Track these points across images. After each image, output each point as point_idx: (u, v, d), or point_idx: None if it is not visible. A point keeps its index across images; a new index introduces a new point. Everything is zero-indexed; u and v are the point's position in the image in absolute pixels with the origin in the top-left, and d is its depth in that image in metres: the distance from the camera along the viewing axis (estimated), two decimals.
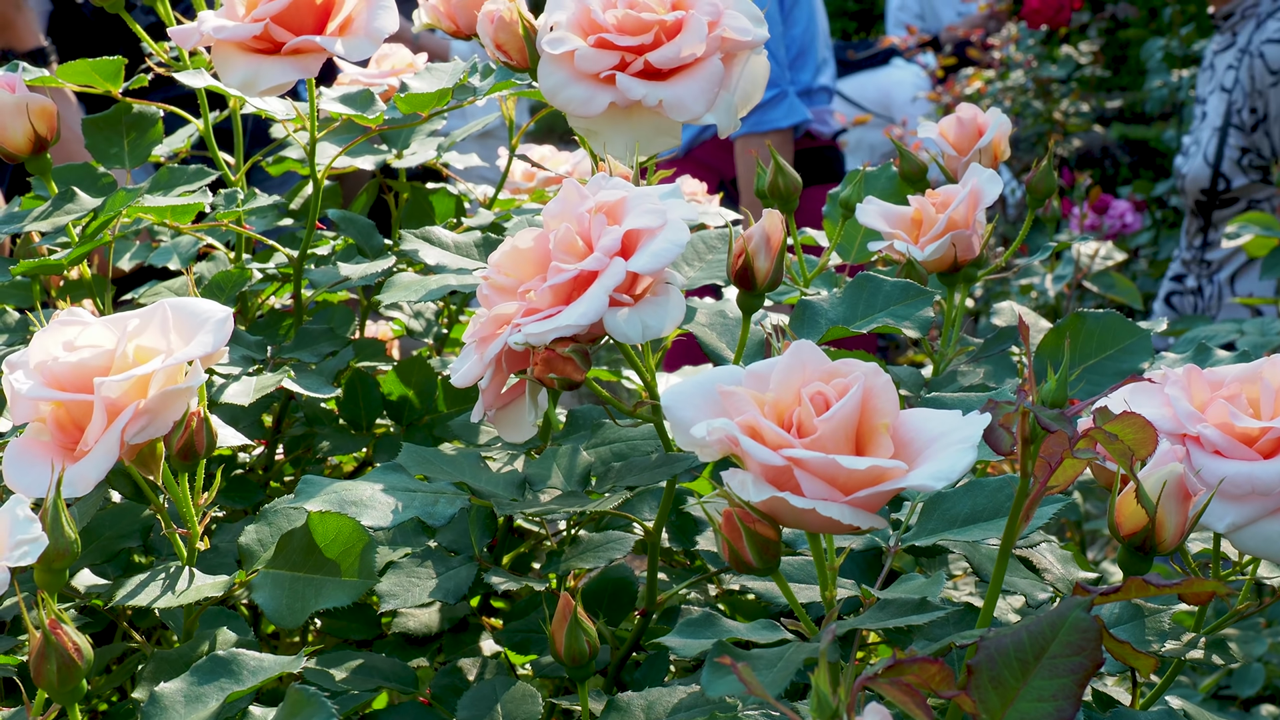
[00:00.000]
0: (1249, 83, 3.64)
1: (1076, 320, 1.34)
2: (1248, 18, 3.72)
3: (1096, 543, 2.90)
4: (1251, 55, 3.65)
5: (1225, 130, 3.66)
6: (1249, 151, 3.65)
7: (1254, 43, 3.66)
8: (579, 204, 1.09)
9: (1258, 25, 3.68)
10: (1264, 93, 3.64)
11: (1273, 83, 3.63)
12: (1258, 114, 3.65)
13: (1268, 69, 3.64)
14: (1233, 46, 3.74)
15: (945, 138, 1.54)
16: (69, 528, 0.95)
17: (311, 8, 1.31)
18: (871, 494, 0.88)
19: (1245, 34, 3.70)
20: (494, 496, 1.12)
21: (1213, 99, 3.77)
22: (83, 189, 1.44)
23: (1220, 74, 3.78)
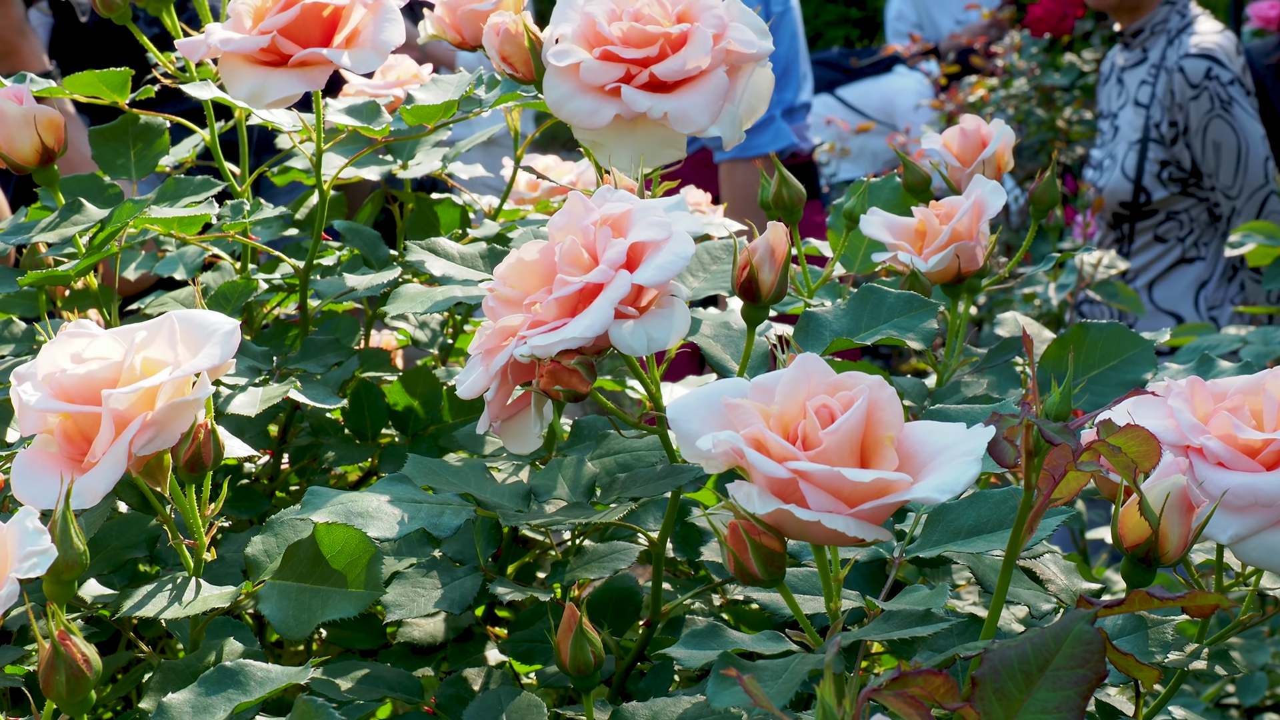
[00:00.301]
0: (1168, 97, 3.72)
1: (1080, 331, 1.35)
2: (1157, 34, 3.80)
3: (1100, 551, 2.90)
4: (1170, 71, 3.71)
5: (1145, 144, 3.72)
6: (1169, 164, 3.72)
7: (1170, 59, 3.73)
8: (584, 216, 1.10)
9: (1169, 42, 3.75)
10: (1184, 106, 3.71)
11: (1193, 96, 3.70)
12: (1178, 127, 3.72)
13: (1188, 83, 3.72)
14: (1144, 63, 3.82)
15: (949, 149, 1.54)
16: (78, 540, 0.95)
17: (318, 20, 1.32)
18: (876, 506, 0.89)
19: (1157, 50, 3.78)
20: (499, 508, 1.13)
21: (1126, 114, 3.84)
22: (89, 200, 1.45)
23: (1133, 90, 3.84)
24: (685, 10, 1.26)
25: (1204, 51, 3.75)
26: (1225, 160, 3.69)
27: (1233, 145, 3.71)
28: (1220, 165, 3.70)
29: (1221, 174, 3.69)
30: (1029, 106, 5.98)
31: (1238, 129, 3.73)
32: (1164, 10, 3.82)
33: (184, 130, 1.56)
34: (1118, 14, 3.86)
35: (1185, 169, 3.74)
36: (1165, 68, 3.77)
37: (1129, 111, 3.83)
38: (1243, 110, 3.76)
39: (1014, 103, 5.99)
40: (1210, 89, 3.71)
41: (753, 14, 1.28)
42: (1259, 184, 3.73)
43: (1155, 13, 3.80)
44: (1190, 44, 3.77)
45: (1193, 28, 3.84)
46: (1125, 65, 3.88)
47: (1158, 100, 3.74)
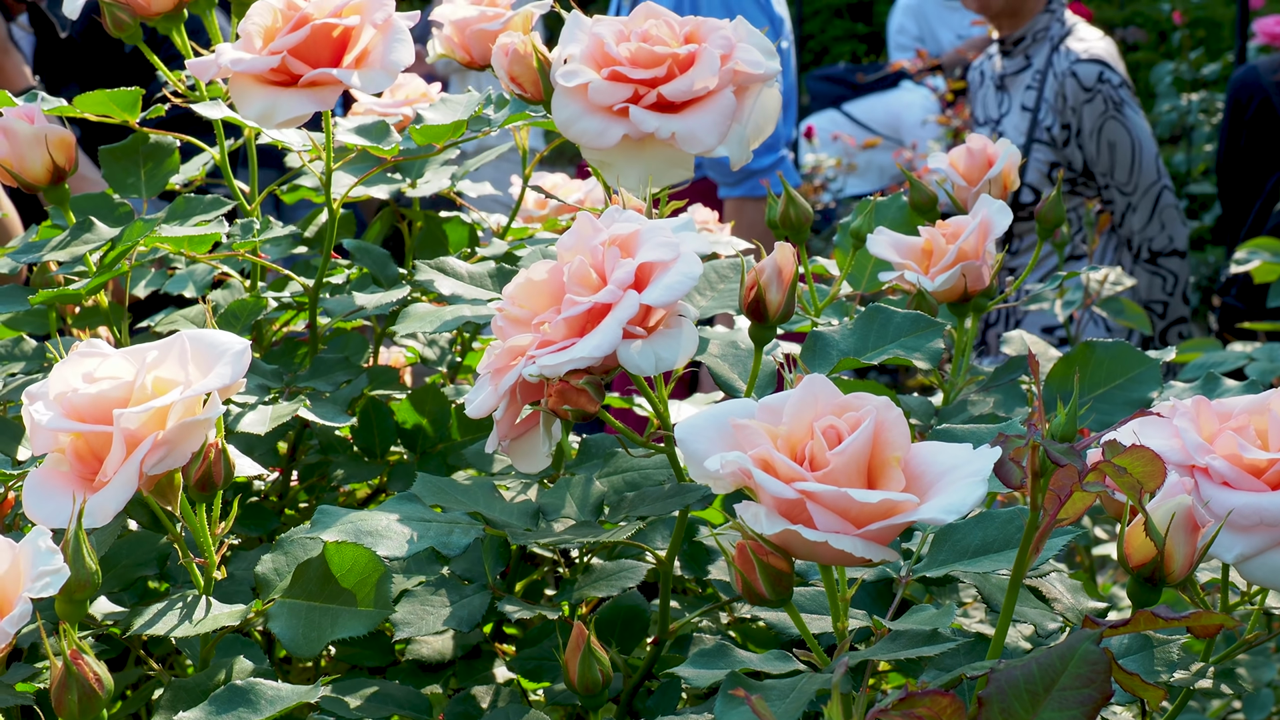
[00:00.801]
0: (1060, 101, 3.83)
1: (1086, 350, 1.35)
2: (1039, 41, 3.89)
3: (1105, 567, 2.90)
4: (1061, 76, 3.81)
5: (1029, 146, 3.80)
6: (1059, 165, 3.79)
7: (1059, 65, 3.81)
8: (593, 237, 1.10)
9: (1054, 48, 3.83)
10: (1077, 109, 3.82)
11: (1086, 99, 3.81)
12: (1070, 129, 3.83)
13: (1081, 87, 3.82)
14: (1028, 69, 3.90)
15: (955, 168, 1.55)
16: (90, 559, 0.96)
17: (328, 41, 1.33)
18: (883, 527, 0.89)
19: (1041, 56, 3.88)
20: (508, 526, 1.13)
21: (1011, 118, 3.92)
22: (99, 218, 1.45)
23: (1018, 95, 3.94)
24: (693, 31, 1.27)
25: (1094, 57, 3.86)
26: (1120, 159, 3.78)
27: (1127, 144, 3.81)
28: (1115, 164, 3.80)
29: (1117, 172, 3.78)
30: None
31: (1130, 129, 3.84)
32: (1044, 18, 3.92)
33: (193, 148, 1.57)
34: (999, 22, 3.95)
35: (1076, 169, 3.85)
36: (1055, 73, 3.86)
37: (1015, 117, 3.92)
38: (1133, 110, 3.87)
39: None
40: (1103, 92, 3.82)
41: (760, 35, 1.29)
42: (1153, 180, 3.84)
43: (1036, 20, 3.90)
44: (1079, 50, 3.87)
45: (1075, 34, 3.94)
46: (1008, 72, 3.96)
47: (1047, 104, 3.83)
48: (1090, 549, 2.80)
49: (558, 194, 1.82)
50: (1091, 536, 2.75)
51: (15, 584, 0.91)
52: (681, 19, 1.28)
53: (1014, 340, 1.53)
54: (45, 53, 2.82)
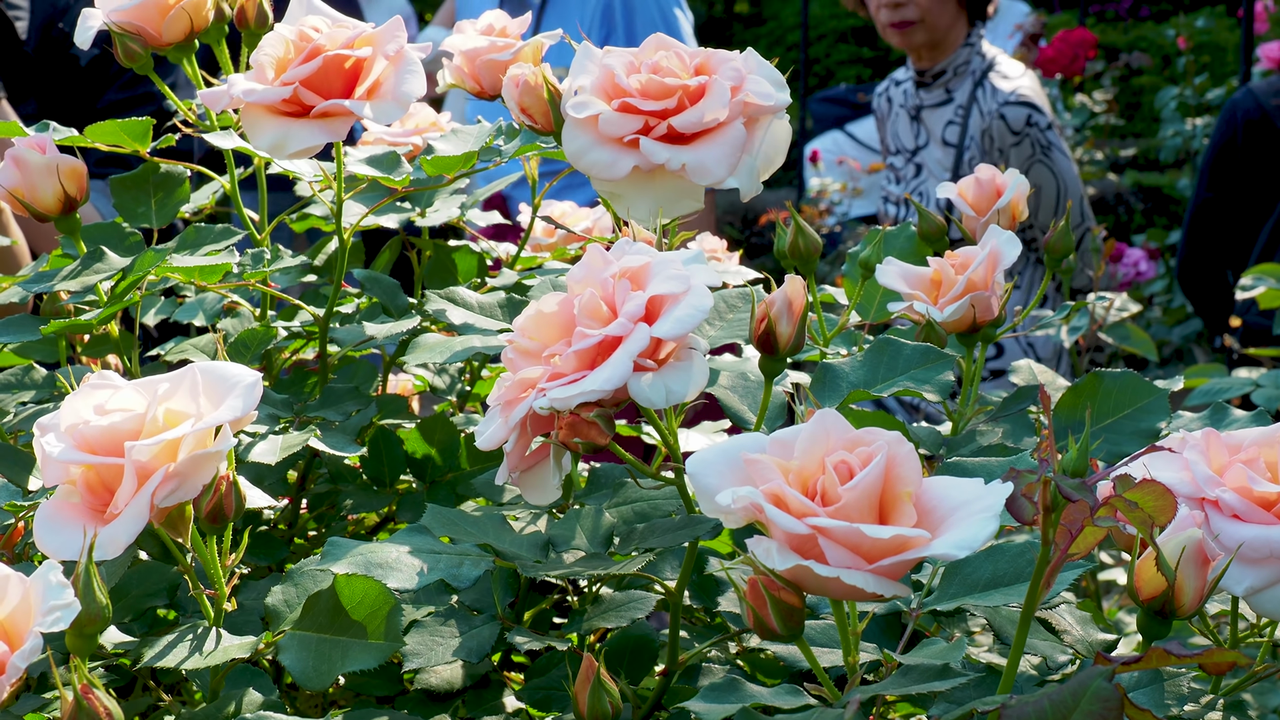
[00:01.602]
0: (988, 142, 3.85)
1: (1094, 380, 1.35)
2: (961, 75, 3.90)
3: (1111, 592, 2.90)
4: (987, 115, 3.83)
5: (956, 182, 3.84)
6: None
7: (985, 103, 3.83)
8: (603, 269, 1.10)
9: (976, 83, 3.85)
10: (1005, 151, 3.85)
11: (1014, 142, 3.84)
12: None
13: (1009, 130, 3.85)
14: (949, 103, 3.92)
15: (964, 198, 1.55)
16: (101, 593, 0.96)
17: (340, 72, 1.33)
18: (895, 562, 0.89)
19: (963, 91, 3.89)
20: (518, 558, 1.13)
21: (931, 152, 3.92)
22: (110, 248, 1.46)
23: (938, 129, 3.97)
24: (703, 63, 1.27)
25: (1023, 99, 3.88)
26: (1045, 202, 3.81)
27: (1053, 188, 3.83)
28: (1040, 207, 3.82)
29: (1041, 215, 3.81)
30: None
31: (1057, 173, 3.86)
32: (964, 52, 3.94)
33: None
34: (919, 54, 3.96)
35: None
36: (981, 111, 3.89)
37: (935, 150, 3.93)
38: (1060, 154, 3.89)
39: None
40: (1031, 135, 3.85)
41: (770, 66, 1.29)
42: (1076, 223, 3.85)
43: (956, 54, 3.92)
44: (1006, 90, 3.89)
45: (997, 68, 3.96)
46: (925, 104, 3.97)
47: (974, 141, 3.84)
48: (1096, 574, 2.80)
49: (565, 223, 1.82)
50: (1098, 561, 2.74)
51: (26, 618, 0.91)
52: (692, 51, 1.28)
53: (1022, 370, 1.53)
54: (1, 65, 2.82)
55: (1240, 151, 3.95)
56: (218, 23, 1.52)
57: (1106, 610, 2.78)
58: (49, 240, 2.17)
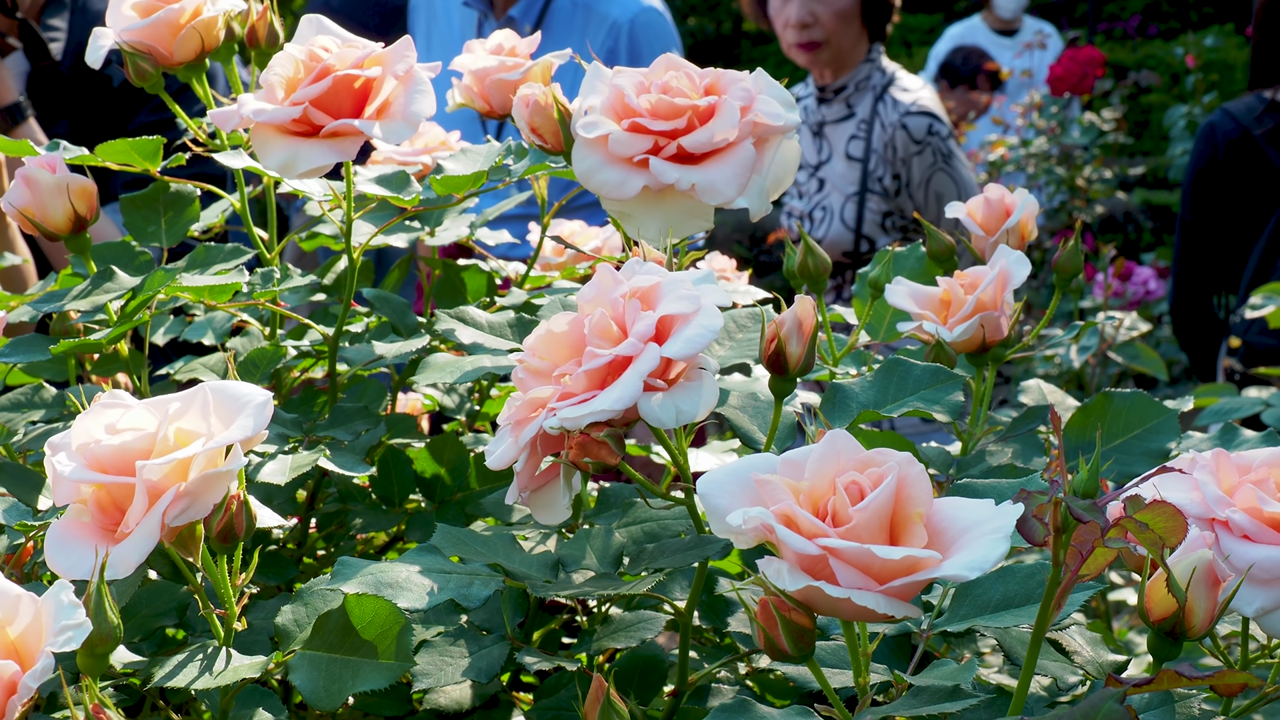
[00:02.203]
0: (890, 152, 3.87)
1: (1104, 400, 1.35)
2: (862, 90, 3.94)
3: (1120, 613, 2.90)
4: (890, 127, 3.86)
5: (863, 195, 3.83)
6: (892, 214, 3.85)
7: (887, 115, 3.86)
8: (613, 289, 1.10)
9: (877, 97, 3.87)
10: (907, 161, 3.86)
11: (916, 151, 3.86)
12: (901, 180, 3.87)
13: (911, 139, 3.86)
14: (851, 118, 3.94)
15: (973, 218, 1.55)
16: (112, 613, 0.96)
17: (350, 92, 1.33)
18: (906, 583, 0.89)
19: (865, 106, 3.91)
20: (528, 578, 1.13)
21: (835, 166, 3.95)
22: (120, 267, 1.46)
23: (841, 143, 3.99)
24: (713, 83, 1.27)
25: (924, 109, 3.90)
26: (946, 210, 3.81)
27: (953, 195, 3.85)
28: (941, 215, 3.82)
29: (943, 223, 3.81)
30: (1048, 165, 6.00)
31: (958, 180, 3.89)
32: (866, 67, 3.95)
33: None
34: (821, 70, 3.97)
35: (908, 217, 3.91)
36: (883, 124, 3.90)
37: (839, 164, 3.95)
38: (959, 162, 3.93)
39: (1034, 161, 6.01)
40: (932, 144, 3.87)
41: (779, 86, 1.29)
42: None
43: (857, 70, 3.94)
44: (907, 101, 3.91)
45: (898, 83, 3.97)
46: (827, 119, 3.99)
47: (877, 154, 3.87)
48: (1105, 594, 2.80)
49: (575, 242, 1.82)
50: (1107, 581, 2.74)
51: (37, 638, 0.91)
52: (701, 71, 1.28)
53: (1031, 390, 1.53)
54: (38, 82, 2.83)
55: (1223, 171, 3.94)
56: (228, 42, 1.53)
57: (1116, 631, 2.77)
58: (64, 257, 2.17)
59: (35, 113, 2.72)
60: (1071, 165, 6.05)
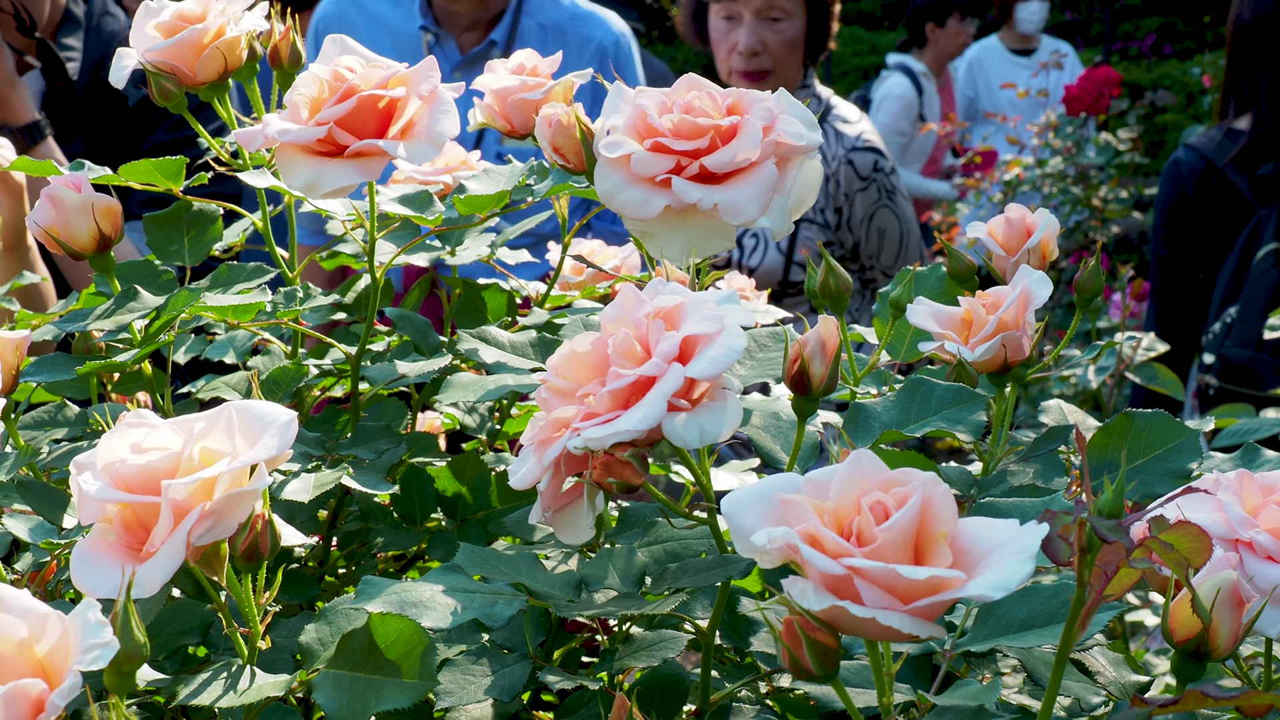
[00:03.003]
0: (834, 185, 3.89)
1: (1125, 421, 1.35)
2: None
3: (1138, 634, 2.89)
4: (832, 160, 3.88)
5: (799, 224, 3.87)
6: (831, 245, 3.89)
7: (829, 148, 3.90)
8: (637, 309, 1.11)
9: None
10: (851, 196, 3.88)
11: (861, 187, 3.88)
12: (843, 214, 3.89)
13: (856, 175, 3.88)
14: None
15: (994, 237, 1.55)
16: (139, 631, 0.96)
17: (374, 112, 1.34)
18: (931, 603, 0.89)
19: None
20: (552, 598, 1.14)
21: None
22: (144, 286, 1.46)
23: None
24: (735, 103, 1.28)
25: (869, 145, 3.91)
26: (889, 245, 3.85)
27: (896, 231, 3.87)
28: (883, 249, 3.87)
29: (884, 256, 3.85)
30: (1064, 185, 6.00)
31: (900, 216, 3.91)
32: (802, 94, 3.96)
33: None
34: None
35: (846, 248, 3.92)
36: (826, 156, 3.90)
37: None
38: (902, 198, 3.95)
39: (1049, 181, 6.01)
40: (878, 180, 3.89)
41: (801, 106, 1.29)
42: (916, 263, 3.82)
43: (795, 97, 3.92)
44: (851, 135, 3.91)
45: (836, 112, 3.98)
46: None
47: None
48: (1123, 616, 2.79)
49: (595, 260, 1.82)
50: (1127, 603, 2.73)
51: (65, 656, 0.91)
52: (724, 90, 1.29)
53: (1052, 410, 1.53)
54: (54, 100, 2.85)
55: (1192, 206, 3.95)
56: (250, 62, 1.53)
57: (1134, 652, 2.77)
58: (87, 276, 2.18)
59: (53, 131, 2.74)
60: (1087, 185, 6.05)
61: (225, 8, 1.51)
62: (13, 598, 0.93)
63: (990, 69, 8.19)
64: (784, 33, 3.84)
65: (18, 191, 2.21)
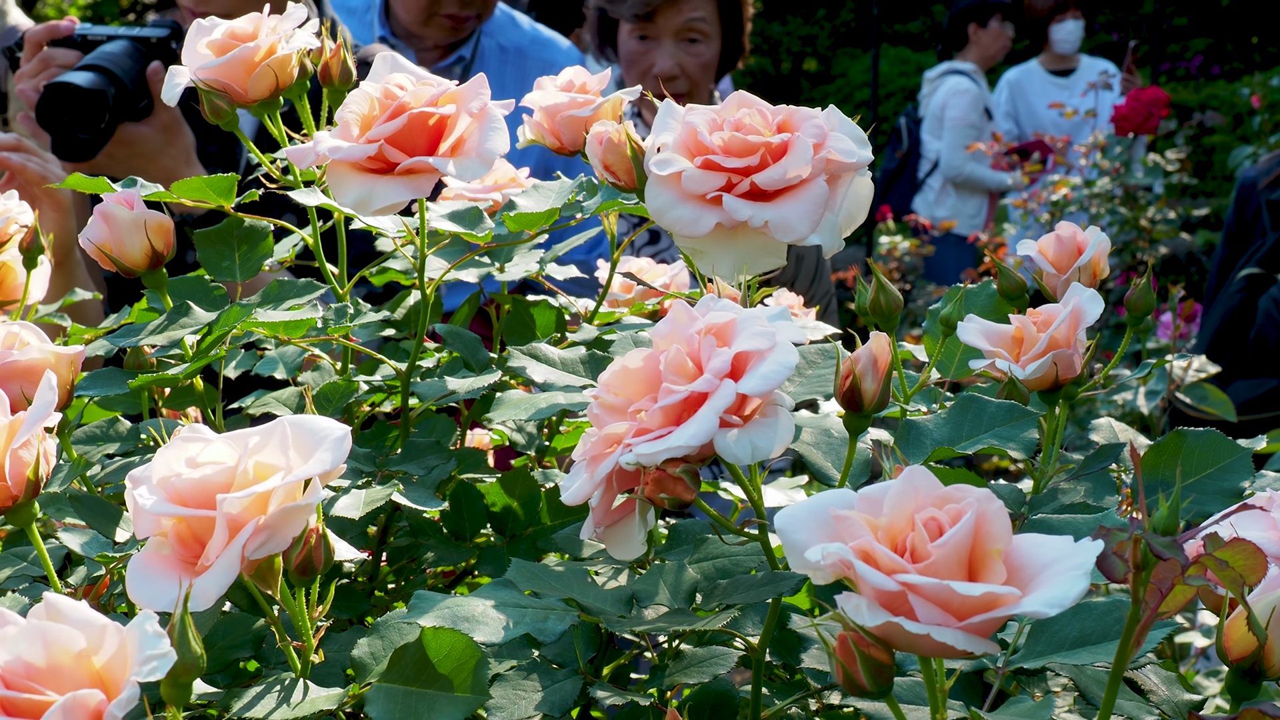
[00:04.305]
0: None
1: (1177, 439, 1.34)
2: None
3: (1187, 655, 2.88)
4: None
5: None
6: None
7: None
8: (688, 325, 1.11)
9: None
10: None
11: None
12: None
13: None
14: None
15: (1044, 255, 1.55)
16: (195, 643, 0.97)
17: (424, 129, 1.34)
18: (985, 620, 0.89)
19: None
20: (603, 613, 1.14)
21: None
22: (195, 302, 1.47)
23: None
24: (786, 120, 1.28)
25: None
26: (805, 270, 3.78)
27: (813, 257, 3.79)
28: (799, 274, 3.78)
29: (799, 283, 3.77)
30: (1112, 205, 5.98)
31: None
32: None
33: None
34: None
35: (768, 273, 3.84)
36: None
37: None
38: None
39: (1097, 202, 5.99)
40: None
41: (851, 123, 1.30)
42: (828, 289, 3.84)
43: None
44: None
45: None
46: None
47: None
48: (1172, 637, 2.78)
49: (644, 278, 1.83)
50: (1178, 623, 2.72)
51: (123, 667, 0.91)
52: (774, 108, 1.29)
53: (1103, 428, 1.52)
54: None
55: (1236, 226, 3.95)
56: (301, 80, 1.54)
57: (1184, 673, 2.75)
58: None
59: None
60: (1135, 206, 6.03)
61: (276, 25, 1.52)
62: (71, 609, 0.94)
63: (1031, 91, 8.19)
64: (701, 55, 3.68)
65: (65, 208, 2.23)
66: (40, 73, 2.52)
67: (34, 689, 0.91)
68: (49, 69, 2.51)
